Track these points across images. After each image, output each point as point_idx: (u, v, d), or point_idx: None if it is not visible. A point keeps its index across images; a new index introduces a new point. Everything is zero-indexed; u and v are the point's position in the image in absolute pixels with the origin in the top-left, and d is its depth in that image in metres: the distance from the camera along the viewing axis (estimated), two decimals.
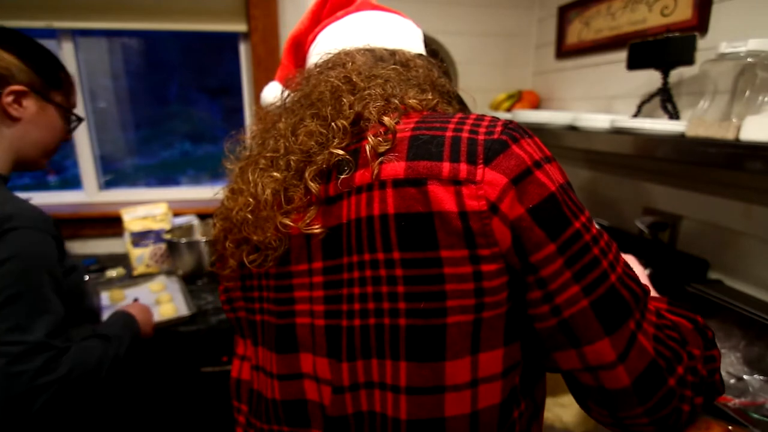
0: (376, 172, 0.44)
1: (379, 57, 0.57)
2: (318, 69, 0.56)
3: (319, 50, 0.61)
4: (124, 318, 1.01)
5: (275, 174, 0.50)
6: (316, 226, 0.48)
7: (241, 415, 0.63)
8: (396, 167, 0.44)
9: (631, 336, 0.43)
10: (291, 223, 0.49)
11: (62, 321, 0.78)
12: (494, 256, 0.42)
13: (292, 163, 0.50)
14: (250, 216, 0.51)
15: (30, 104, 0.84)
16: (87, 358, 0.80)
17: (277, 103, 0.59)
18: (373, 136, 0.46)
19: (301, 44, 0.67)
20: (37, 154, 0.88)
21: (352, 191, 0.46)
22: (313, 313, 0.50)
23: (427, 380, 0.45)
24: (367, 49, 0.58)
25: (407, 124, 0.47)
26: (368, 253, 0.45)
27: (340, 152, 0.47)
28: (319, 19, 0.66)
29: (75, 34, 1.76)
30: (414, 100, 0.50)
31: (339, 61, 0.55)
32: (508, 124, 0.44)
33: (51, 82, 0.87)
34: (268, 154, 0.53)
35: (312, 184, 0.48)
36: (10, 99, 0.81)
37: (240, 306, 0.60)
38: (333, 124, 0.48)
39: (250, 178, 0.53)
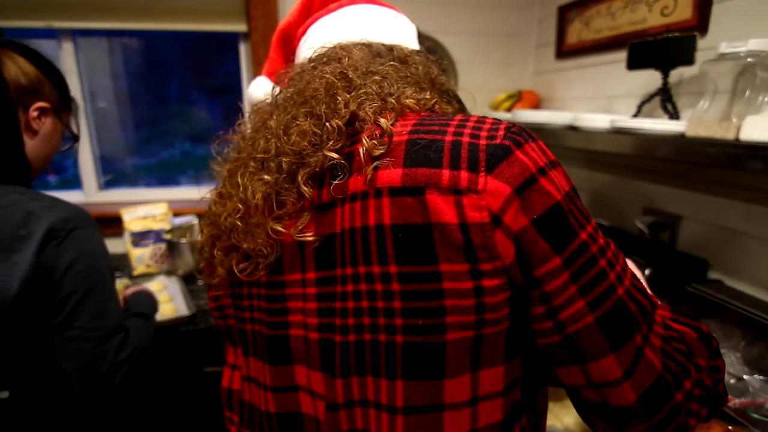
0: (369, 177, 0.42)
1: (376, 52, 0.54)
2: (312, 64, 0.53)
3: (311, 44, 0.58)
4: (147, 297, 1.10)
5: (266, 177, 0.48)
6: (309, 234, 0.45)
7: (233, 426, 0.61)
8: (392, 174, 0.41)
9: (637, 351, 0.41)
10: (283, 230, 0.46)
11: (121, 305, 0.91)
12: (496, 271, 0.39)
13: (284, 164, 0.47)
14: (239, 223, 0.49)
15: (48, 121, 0.89)
16: (141, 334, 0.92)
17: (268, 100, 0.55)
18: (368, 138, 0.43)
19: (290, 37, 0.64)
20: (41, 166, 0.93)
21: (346, 198, 0.44)
22: (307, 326, 0.48)
23: (424, 398, 0.43)
24: (364, 44, 0.55)
25: (404, 126, 0.44)
26: (363, 266, 0.42)
27: (335, 155, 0.44)
28: (309, 12, 0.63)
29: (75, 34, 1.76)
30: (411, 100, 0.47)
31: (335, 55, 0.52)
32: (511, 128, 0.42)
33: (65, 103, 0.93)
34: (258, 156, 0.50)
35: (305, 188, 0.45)
36: (35, 114, 0.86)
37: (230, 314, 0.58)
38: (327, 124, 0.45)
39: (240, 182, 0.50)
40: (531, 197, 0.39)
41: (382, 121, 0.43)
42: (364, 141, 0.43)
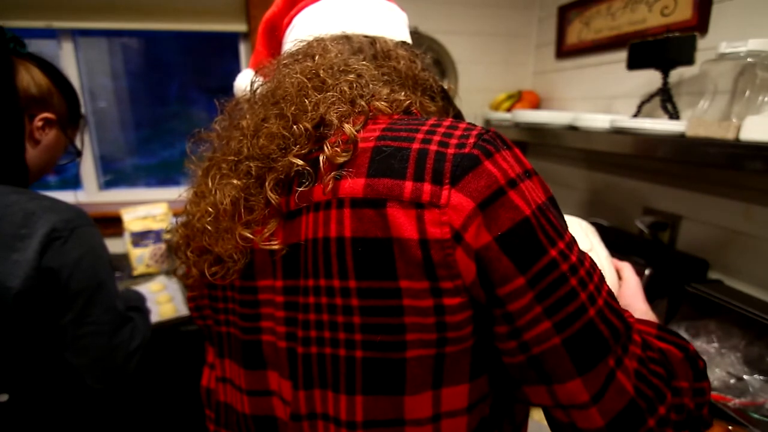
0: (330, 186, 0.40)
1: (356, 47, 0.52)
2: (286, 60, 0.51)
3: (296, 35, 0.56)
4: (134, 292, 1.12)
5: (235, 181, 0.46)
6: (275, 242, 0.44)
7: (212, 424, 0.61)
8: (355, 184, 0.39)
9: (608, 375, 0.39)
10: (251, 236, 0.45)
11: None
12: (457, 290, 0.38)
13: (252, 169, 0.45)
14: (209, 227, 0.48)
15: (51, 133, 0.89)
16: (143, 325, 0.95)
17: (246, 96, 0.53)
18: (331, 144, 0.41)
19: (275, 28, 0.62)
20: (38, 175, 0.93)
21: (310, 207, 0.42)
22: (276, 333, 0.48)
23: (384, 414, 0.41)
24: (344, 37, 0.52)
25: (372, 132, 0.42)
26: (324, 279, 0.41)
27: (300, 162, 0.42)
28: (295, 1, 0.61)
29: (75, 34, 1.76)
30: (383, 102, 0.45)
31: (310, 51, 0.50)
32: (483, 135, 0.39)
33: (73, 118, 0.93)
34: (230, 157, 0.48)
35: (272, 195, 0.44)
36: (40, 124, 0.86)
37: (208, 314, 0.57)
38: (295, 126, 0.43)
39: (210, 183, 0.49)
40: (497, 212, 0.37)
41: (346, 126, 0.41)
42: (325, 148, 0.41)
